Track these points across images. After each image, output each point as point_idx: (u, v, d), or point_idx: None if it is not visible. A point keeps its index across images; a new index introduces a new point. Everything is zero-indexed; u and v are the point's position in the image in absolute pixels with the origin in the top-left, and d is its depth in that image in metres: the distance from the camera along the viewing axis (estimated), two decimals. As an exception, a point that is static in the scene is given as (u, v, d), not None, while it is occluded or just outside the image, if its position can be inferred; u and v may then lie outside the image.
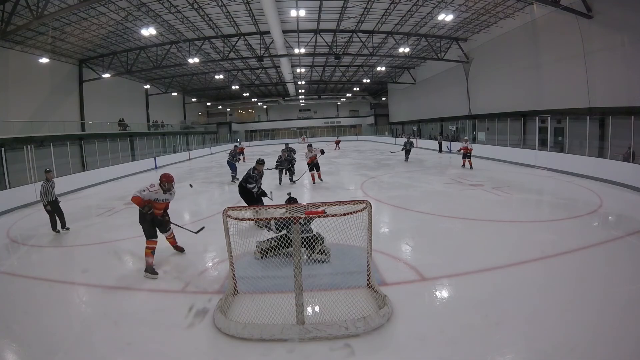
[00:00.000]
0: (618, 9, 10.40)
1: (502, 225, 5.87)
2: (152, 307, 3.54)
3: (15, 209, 9.13)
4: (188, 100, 35.62)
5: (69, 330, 3.18)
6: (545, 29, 13.63)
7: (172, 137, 27.64)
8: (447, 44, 19.79)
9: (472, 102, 20.28)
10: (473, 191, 8.78)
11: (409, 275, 4.01)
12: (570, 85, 12.65)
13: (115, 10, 13.30)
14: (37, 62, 15.33)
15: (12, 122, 13.83)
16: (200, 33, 17.27)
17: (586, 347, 2.64)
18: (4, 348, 2.99)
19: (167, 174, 4.56)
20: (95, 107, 20.03)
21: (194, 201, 9.36)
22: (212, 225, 6.28)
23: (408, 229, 5.92)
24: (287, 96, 39.65)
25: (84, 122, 19.20)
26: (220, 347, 2.85)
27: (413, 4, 14.67)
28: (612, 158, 9.80)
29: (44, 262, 5.25)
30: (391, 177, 11.69)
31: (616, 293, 3.42)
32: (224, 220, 3.31)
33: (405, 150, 15.63)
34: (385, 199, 8.16)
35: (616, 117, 10.37)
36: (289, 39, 18.36)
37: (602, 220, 6.20)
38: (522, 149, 14.64)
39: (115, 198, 10.12)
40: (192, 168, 18.57)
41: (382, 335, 2.89)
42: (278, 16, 14.27)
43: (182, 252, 5.01)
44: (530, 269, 4.04)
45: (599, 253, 4.48)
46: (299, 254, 2.99)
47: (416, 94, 29.15)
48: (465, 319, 3.05)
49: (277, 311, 3.07)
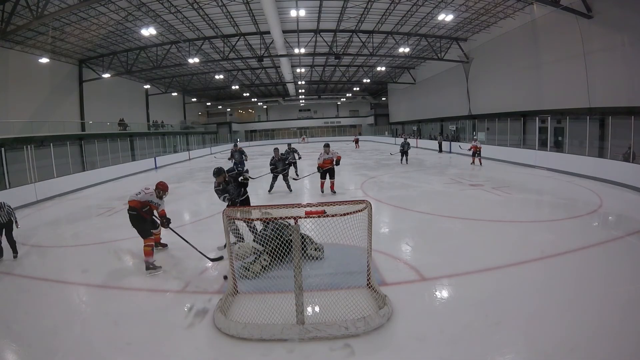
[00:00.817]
0: (618, 9, 10.40)
1: (502, 225, 5.87)
2: (152, 307, 3.54)
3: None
4: (188, 100, 35.61)
5: (69, 330, 3.18)
6: (545, 29, 13.63)
7: (172, 137, 27.66)
8: (447, 44, 19.79)
9: (472, 102, 20.28)
10: (473, 191, 8.78)
11: (409, 275, 4.01)
12: (570, 85, 12.64)
13: (115, 10, 13.29)
14: (37, 62, 15.33)
15: (12, 122, 13.82)
16: (200, 33, 17.26)
17: (586, 347, 2.64)
18: (4, 348, 2.99)
19: (163, 182, 4.74)
20: (95, 107, 20.02)
21: (194, 201, 9.37)
22: (212, 225, 6.30)
23: (408, 229, 5.92)
24: (287, 96, 39.64)
25: (84, 122, 19.19)
26: (220, 347, 2.85)
27: (413, 4, 14.66)
28: (612, 158, 9.81)
29: (44, 262, 5.25)
30: (391, 177, 11.69)
31: (616, 293, 3.42)
32: (224, 220, 3.31)
33: (403, 152, 15.11)
34: (385, 199, 8.17)
35: (616, 117, 10.37)
36: (289, 39, 18.36)
37: (602, 220, 6.20)
38: (522, 149, 14.64)
39: (115, 198, 10.11)
40: (192, 168, 18.57)
41: (382, 335, 2.89)
42: (278, 16, 14.27)
43: (165, 248, 5.23)
44: (530, 269, 4.04)
45: (599, 253, 4.48)
46: (298, 254, 2.99)
47: (416, 94, 29.15)
48: (465, 319, 3.05)
49: (277, 311, 3.07)
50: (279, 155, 9.10)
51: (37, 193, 10.14)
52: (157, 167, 19.40)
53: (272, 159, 9.14)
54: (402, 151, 15.15)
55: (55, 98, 17.11)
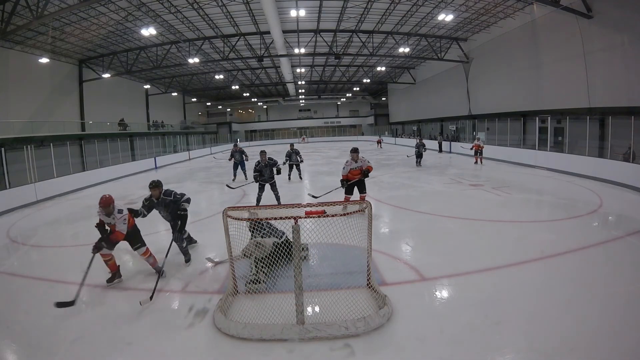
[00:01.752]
0: (618, 9, 10.41)
1: (502, 225, 5.87)
2: (152, 307, 3.53)
3: (15, 209, 9.13)
4: (188, 100, 35.61)
5: (69, 330, 3.18)
6: (545, 29, 13.63)
7: (172, 137, 27.65)
8: (447, 44, 19.79)
9: (472, 102, 20.29)
10: (473, 191, 8.78)
11: (409, 275, 4.01)
12: (570, 85, 12.65)
13: (115, 10, 13.30)
14: (37, 62, 15.34)
15: (12, 122, 13.82)
16: (200, 33, 17.27)
17: (586, 347, 2.64)
18: (4, 348, 2.99)
19: (102, 197, 3.99)
20: (95, 107, 20.02)
21: (194, 201, 9.34)
22: (212, 225, 6.29)
23: (408, 229, 5.92)
24: (287, 96, 39.64)
25: (84, 122, 19.20)
26: (220, 347, 2.85)
27: (413, 4, 14.66)
28: (612, 158, 9.81)
29: (44, 262, 5.25)
30: (391, 177, 11.69)
31: (616, 293, 3.42)
32: (224, 221, 3.31)
33: (418, 153, 14.42)
34: (385, 199, 8.16)
35: (616, 117, 10.37)
36: (289, 39, 18.36)
37: (602, 220, 6.20)
38: (522, 149, 14.64)
39: (116, 198, 10.06)
40: (192, 168, 18.57)
41: (382, 335, 2.89)
42: (278, 16, 14.27)
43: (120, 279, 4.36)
44: (530, 269, 4.04)
45: (599, 253, 4.48)
46: (299, 254, 2.99)
47: (416, 94, 29.16)
48: (465, 319, 3.05)
49: (277, 311, 3.07)
50: (265, 160, 7.40)
51: (37, 193, 10.14)
52: (157, 167, 19.40)
53: (256, 163, 7.44)
54: (418, 153, 14.40)
55: (55, 98, 17.11)
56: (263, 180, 7.43)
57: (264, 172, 7.42)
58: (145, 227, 6.69)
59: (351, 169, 6.41)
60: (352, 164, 6.41)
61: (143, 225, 4.57)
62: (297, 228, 2.96)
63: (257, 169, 7.37)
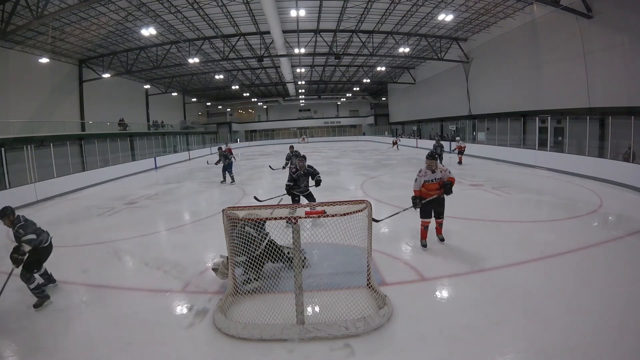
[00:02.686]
0: (618, 9, 10.41)
1: (502, 225, 5.87)
2: (152, 307, 3.54)
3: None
4: (188, 100, 35.63)
5: (69, 330, 3.19)
6: (545, 29, 13.64)
7: (172, 137, 27.65)
8: (447, 44, 19.80)
9: (472, 102, 20.29)
10: (473, 191, 8.78)
11: (409, 275, 4.01)
12: (570, 85, 12.65)
13: (115, 10, 13.30)
14: (37, 62, 15.34)
15: (12, 122, 13.83)
16: (200, 33, 17.27)
17: (586, 347, 2.64)
18: (4, 348, 2.99)
19: None
20: (95, 107, 20.03)
21: (194, 201, 9.36)
22: (212, 225, 6.29)
23: (408, 229, 5.91)
24: (287, 96, 39.65)
25: (84, 122, 19.21)
26: (220, 347, 2.85)
27: (413, 4, 14.67)
28: (612, 158, 9.80)
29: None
30: (391, 177, 11.69)
31: (616, 293, 3.42)
32: (224, 221, 3.31)
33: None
34: (385, 199, 8.16)
35: (616, 117, 10.37)
36: (289, 39, 18.36)
37: (602, 220, 6.20)
38: (522, 149, 14.63)
39: (115, 198, 10.11)
40: (192, 168, 18.57)
41: (382, 335, 2.89)
42: (278, 16, 14.27)
43: None
44: (530, 269, 4.04)
45: (599, 253, 4.48)
46: (299, 254, 2.99)
47: (416, 94, 29.16)
48: (465, 319, 3.05)
49: (277, 311, 3.07)
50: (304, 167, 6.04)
51: (37, 193, 10.13)
52: (157, 167, 19.40)
53: (292, 170, 6.17)
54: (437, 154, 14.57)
55: (55, 98, 17.12)
56: (299, 192, 6.05)
57: (300, 181, 6.04)
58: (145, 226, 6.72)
59: (426, 181, 4.68)
60: (429, 175, 4.66)
61: (143, 225, 4.57)
62: (297, 228, 2.96)
63: (293, 177, 6.00)
